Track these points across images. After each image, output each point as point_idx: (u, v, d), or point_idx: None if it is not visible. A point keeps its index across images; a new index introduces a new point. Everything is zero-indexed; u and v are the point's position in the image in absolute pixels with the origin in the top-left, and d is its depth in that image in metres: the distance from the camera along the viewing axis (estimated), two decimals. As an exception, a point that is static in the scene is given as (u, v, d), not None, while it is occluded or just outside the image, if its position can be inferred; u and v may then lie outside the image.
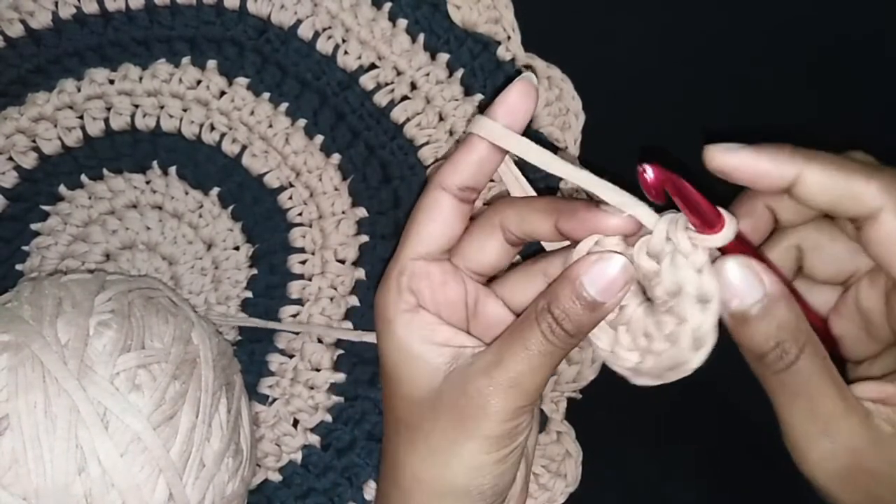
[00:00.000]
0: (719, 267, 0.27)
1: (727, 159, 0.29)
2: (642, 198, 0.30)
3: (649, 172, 0.27)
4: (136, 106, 0.46)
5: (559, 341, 0.30)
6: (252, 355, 0.45)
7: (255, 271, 0.46)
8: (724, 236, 0.28)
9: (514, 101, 0.31)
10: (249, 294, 0.46)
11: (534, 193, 0.35)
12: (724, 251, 0.28)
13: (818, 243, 0.32)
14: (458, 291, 0.34)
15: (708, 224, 0.28)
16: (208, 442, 0.36)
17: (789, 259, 0.32)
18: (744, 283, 0.27)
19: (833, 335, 0.33)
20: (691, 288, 0.28)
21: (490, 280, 0.36)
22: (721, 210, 0.28)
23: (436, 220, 0.33)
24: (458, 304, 0.34)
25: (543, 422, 0.45)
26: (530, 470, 0.36)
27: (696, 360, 0.29)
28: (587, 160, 0.47)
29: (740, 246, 0.28)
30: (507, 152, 0.32)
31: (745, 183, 0.30)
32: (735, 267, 0.27)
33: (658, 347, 0.29)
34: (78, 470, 0.34)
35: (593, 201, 0.31)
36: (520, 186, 0.35)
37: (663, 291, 0.29)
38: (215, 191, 0.46)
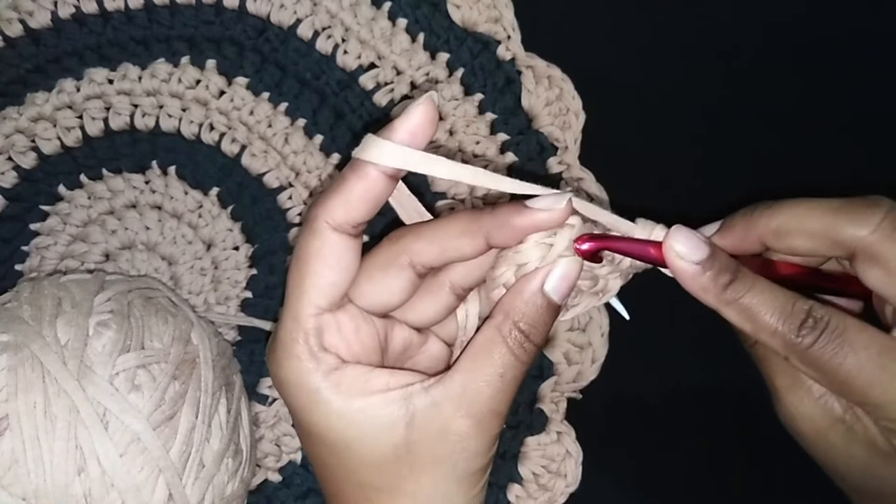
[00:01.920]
0: (677, 234, 0.30)
1: (675, 265, 0.30)
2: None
3: (583, 247, 0.30)
4: (136, 106, 0.46)
5: (527, 355, 0.29)
6: (252, 355, 0.45)
7: (254, 271, 0.46)
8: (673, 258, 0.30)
9: (418, 122, 0.28)
10: (249, 294, 0.46)
11: (429, 216, 0.33)
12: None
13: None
14: (372, 333, 0.31)
15: (654, 257, 0.30)
16: (208, 442, 0.36)
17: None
18: (698, 242, 0.29)
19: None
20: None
21: None
22: (651, 238, 0.31)
23: (332, 266, 0.29)
24: (372, 345, 0.31)
25: (543, 422, 0.45)
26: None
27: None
28: (587, 160, 0.47)
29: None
30: (399, 178, 0.29)
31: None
32: (689, 232, 0.30)
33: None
34: (77, 470, 0.33)
35: (515, 202, 0.29)
36: (415, 210, 0.33)
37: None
38: (215, 191, 0.46)
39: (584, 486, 0.45)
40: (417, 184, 0.46)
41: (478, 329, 0.30)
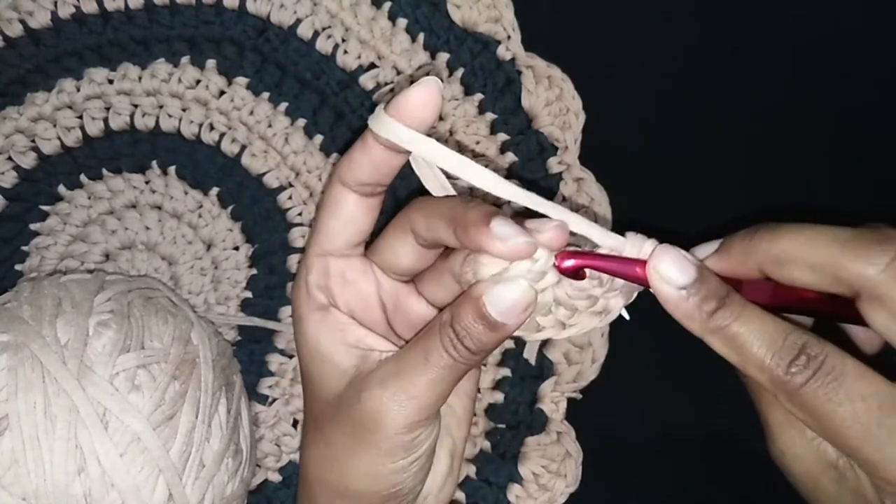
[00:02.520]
0: (661, 255, 0.29)
1: (660, 289, 0.29)
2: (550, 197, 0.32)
3: (566, 264, 0.29)
4: (136, 106, 0.46)
5: (461, 357, 0.29)
6: (252, 355, 0.45)
7: (254, 271, 0.46)
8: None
9: (414, 103, 0.29)
10: (249, 294, 0.46)
11: (452, 191, 0.33)
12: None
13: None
14: (370, 289, 0.33)
15: (639, 277, 0.29)
16: (208, 442, 0.36)
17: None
18: (683, 264, 0.29)
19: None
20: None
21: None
22: (640, 256, 0.29)
23: (338, 216, 0.32)
24: (371, 302, 0.33)
25: (543, 422, 0.45)
26: (460, 467, 0.35)
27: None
28: (587, 160, 0.47)
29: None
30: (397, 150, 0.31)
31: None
32: (674, 254, 0.29)
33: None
34: (77, 470, 0.33)
35: (490, 210, 0.29)
36: (436, 181, 0.33)
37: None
38: (215, 191, 0.46)
39: (584, 486, 0.45)
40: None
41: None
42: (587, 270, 0.30)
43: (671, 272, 0.28)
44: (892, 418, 0.26)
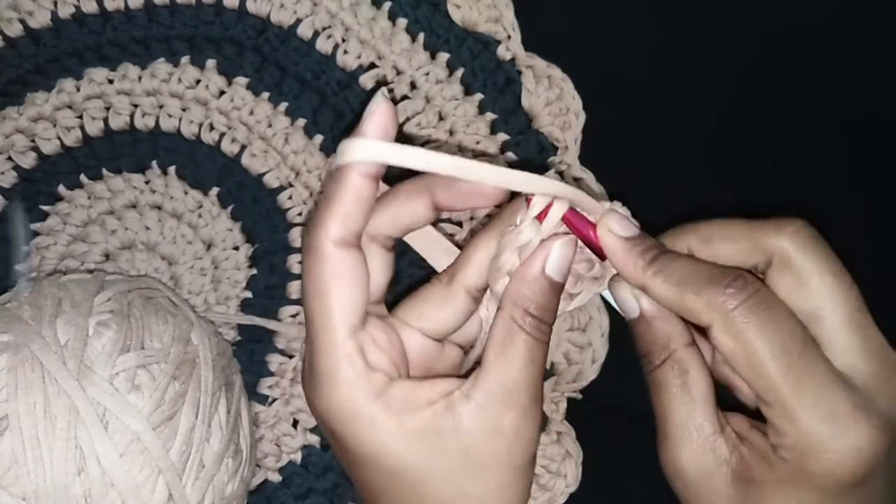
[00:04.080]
0: (612, 284, 0.33)
1: (606, 239, 0.32)
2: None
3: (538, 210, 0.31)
4: (136, 105, 0.46)
5: (545, 335, 0.30)
6: (252, 355, 0.45)
7: (254, 271, 0.46)
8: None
9: (385, 118, 0.28)
10: (249, 294, 0.46)
11: (456, 251, 0.33)
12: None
13: None
14: (397, 341, 0.31)
15: (592, 240, 0.32)
16: (208, 442, 0.36)
17: None
18: (627, 301, 0.32)
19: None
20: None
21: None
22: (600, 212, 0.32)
23: (351, 282, 0.29)
24: (402, 355, 0.31)
25: (543, 422, 0.45)
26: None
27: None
28: (587, 160, 0.47)
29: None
30: (379, 178, 0.30)
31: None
32: (622, 287, 0.32)
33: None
34: (77, 470, 0.33)
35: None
36: (442, 250, 0.34)
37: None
38: (215, 191, 0.46)
39: (584, 486, 0.45)
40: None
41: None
42: None
43: (616, 227, 0.31)
44: (811, 352, 0.28)
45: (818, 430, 0.28)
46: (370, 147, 0.28)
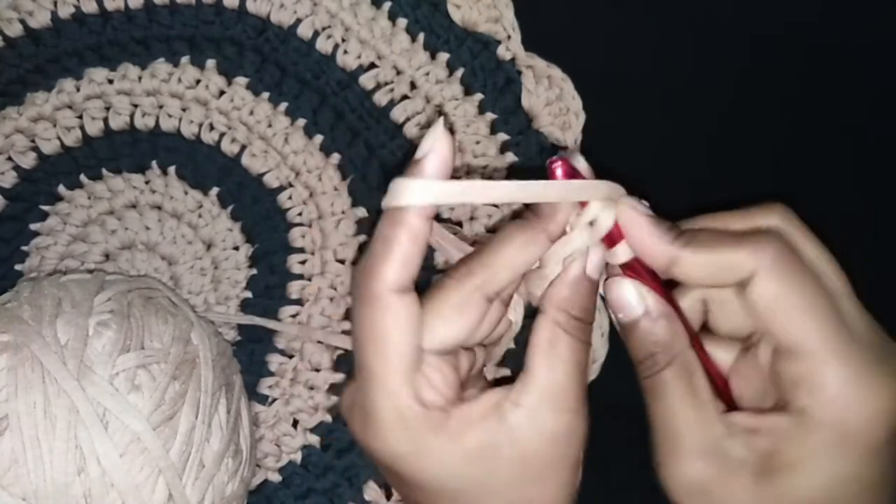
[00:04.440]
0: (612, 283, 0.31)
1: (630, 216, 0.31)
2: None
3: (559, 171, 0.30)
4: (136, 105, 0.46)
5: (588, 337, 0.30)
6: (252, 355, 0.45)
7: (254, 271, 0.46)
8: (621, 257, 0.31)
9: (444, 153, 0.27)
10: (249, 294, 0.46)
11: (469, 248, 0.32)
12: (629, 269, 0.31)
13: (722, 298, 0.32)
14: (453, 371, 0.30)
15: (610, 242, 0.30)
16: (208, 442, 0.36)
17: (695, 311, 0.33)
18: (630, 300, 0.30)
19: (728, 389, 0.33)
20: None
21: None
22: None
23: (412, 331, 0.28)
24: (458, 380, 0.30)
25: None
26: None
27: None
28: (587, 160, 0.47)
29: (643, 270, 0.31)
30: (434, 215, 0.28)
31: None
32: (625, 284, 0.30)
33: None
34: (77, 470, 0.33)
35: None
36: (455, 247, 0.32)
37: None
38: (215, 191, 0.46)
39: (584, 486, 0.44)
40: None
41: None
42: None
43: (639, 205, 0.31)
44: (838, 304, 0.28)
45: (857, 382, 0.27)
46: (430, 188, 0.27)
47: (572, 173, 0.30)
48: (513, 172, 0.46)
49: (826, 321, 0.28)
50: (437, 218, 0.32)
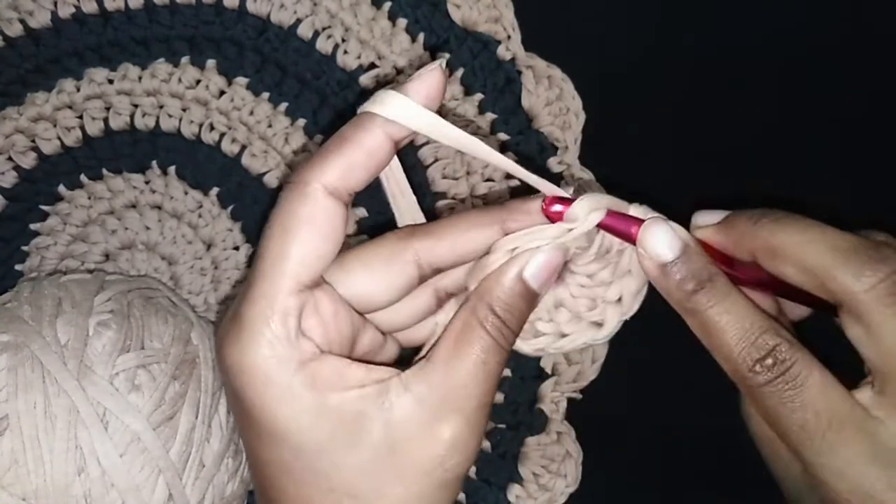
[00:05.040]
0: (647, 228, 0.28)
1: (712, 235, 0.30)
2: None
3: (554, 208, 0.28)
4: (136, 106, 0.46)
5: (506, 342, 0.28)
6: (252, 355, 0.45)
7: (254, 271, 0.46)
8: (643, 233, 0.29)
9: (433, 82, 0.26)
10: (249, 294, 0.46)
11: (423, 217, 0.31)
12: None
13: None
14: (348, 323, 0.28)
15: (629, 237, 0.29)
16: (208, 442, 0.36)
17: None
18: (668, 239, 0.28)
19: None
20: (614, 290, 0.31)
21: None
22: (634, 215, 0.29)
23: (324, 235, 0.26)
24: (347, 337, 0.28)
25: (543, 422, 0.45)
26: None
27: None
28: (587, 160, 0.47)
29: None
30: (398, 149, 0.28)
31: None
32: (661, 227, 0.29)
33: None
34: (77, 470, 0.33)
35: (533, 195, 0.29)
36: (411, 209, 0.31)
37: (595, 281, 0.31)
38: (215, 191, 0.46)
39: (584, 486, 0.45)
40: (417, 182, 0.46)
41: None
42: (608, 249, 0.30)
43: (656, 246, 0.28)
44: (837, 434, 0.26)
45: None
46: (406, 106, 0.26)
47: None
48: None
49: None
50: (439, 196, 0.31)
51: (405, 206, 0.31)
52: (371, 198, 0.46)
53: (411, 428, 0.26)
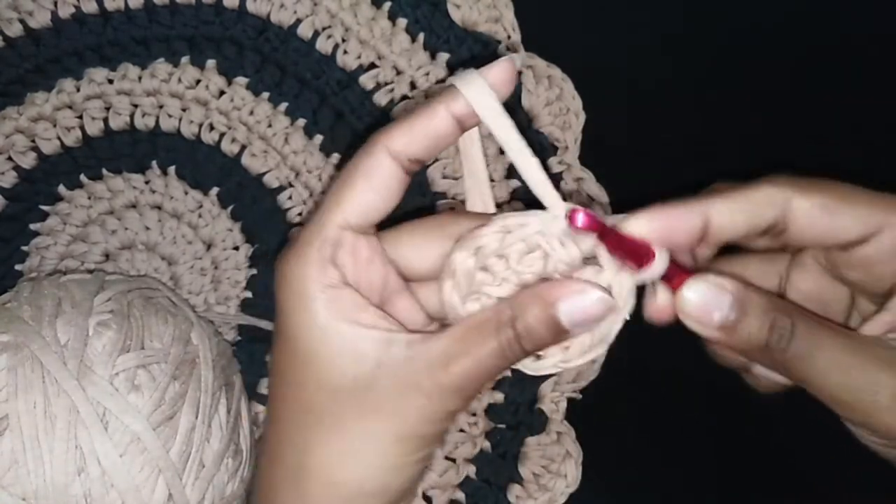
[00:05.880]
0: (683, 297, 0.28)
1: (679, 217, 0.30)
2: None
3: (580, 220, 0.28)
4: (136, 106, 0.46)
5: (513, 356, 0.28)
6: (252, 355, 0.45)
7: (254, 271, 0.46)
8: (658, 268, 0.29)
9: (507, 73, 0.29)
10: (249, 294, 0.46)
11: (491, 199, 0.32)
12: (665, 278, 0.29)
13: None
14: (381, 274, 0.30)
15: (640, 261, 0.28)
16: (208, 442, 0.36)
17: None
18: (713, 297, 0.28)
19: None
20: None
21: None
22: (651, 246, 0.29)
23: (377, 189, 0.29)
24: (376, 288, 0.30)
25: (543, 422, 0.45)
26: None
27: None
28: (587, 160, 0.47)
29: (677, 269, 0.29)
30: (469, 128, 0.30)
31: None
32: (698, 288, 0.28)
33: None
34: (77, 470, 0.33)
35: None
36: (475, 177, 0.32)
37: None
38: (215, 191, 0.46)
39: (584, 486, 0.45)
40: (417, 182, 0.46)
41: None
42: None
43: (701, 310, 0.28)
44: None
45: None
46: (481, 86, 0.29)
47: (593, 225, 0.28)
48: (512, 173, 0.46)
49: None
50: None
51: (477, 189, 0.32)
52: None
53: (394, 377, 0.28)
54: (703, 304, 0.28)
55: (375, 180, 0.29)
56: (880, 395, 0.27)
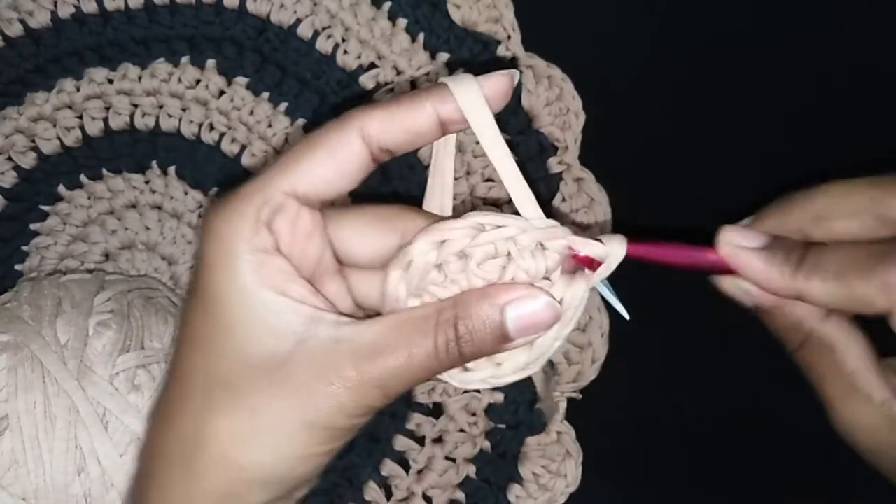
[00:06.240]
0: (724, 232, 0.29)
1: (737, 257, 0.29)
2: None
3: (625, 248, 0.28)
4: (136, 105, 0.46)
5: (447, 360, 0.27)
6: (252, 355, 0.45)
7: (254, 271, 0.46)
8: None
9: (503, 86, 0.27)
10: (249, 294, 0.46)
11: (451, 196, 0.30)
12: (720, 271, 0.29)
13: None
14: (317, 251, 0.28)
15: (707, 262, 0.29)
16: (208, 442, 0.36)
17: None
18: (738, 296, 0.29)
19: None
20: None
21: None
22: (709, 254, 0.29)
23: (338, 167, 0.27)
24: (308, 264, 0.28)
25: (543, 422, 0.45)
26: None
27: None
28: (587, 160, 0.47)
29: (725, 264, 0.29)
30: (451, 132, 0.28)
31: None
32: (728, 285, 0.29)
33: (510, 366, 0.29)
34: (77, 470, 0.33)
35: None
36: (440, 180, 0.30)
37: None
38: (214, 191, 0.46)
39: (584, 486, 0.45)
40: (417, 182, 0.46)
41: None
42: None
43: (742, 240, 0.28)
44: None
45: None
46: (475, 93, 0.27)
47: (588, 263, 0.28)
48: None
49: None
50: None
51: (438, 193, 0.31)
52: (370, 198, 0.46)
53: (314, 358, 0.26)
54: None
55: (339, 158, 0.27)
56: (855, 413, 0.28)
